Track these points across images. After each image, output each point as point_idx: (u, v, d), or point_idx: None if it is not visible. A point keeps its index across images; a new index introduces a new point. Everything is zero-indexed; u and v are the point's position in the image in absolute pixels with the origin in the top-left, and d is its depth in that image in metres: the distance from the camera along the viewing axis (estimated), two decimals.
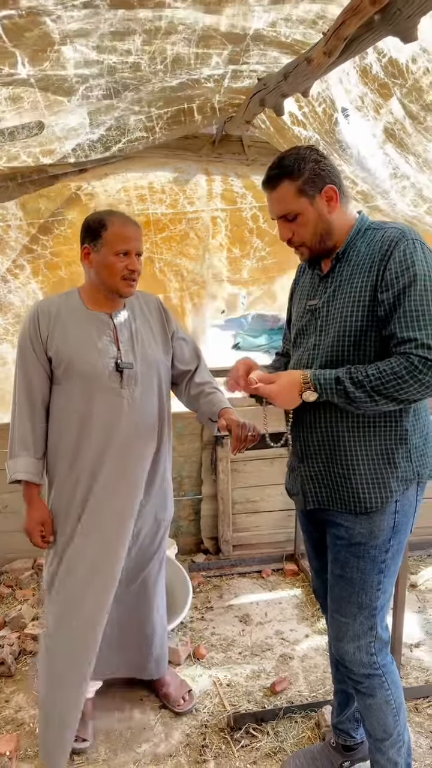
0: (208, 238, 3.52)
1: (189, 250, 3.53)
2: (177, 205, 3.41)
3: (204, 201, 3.45)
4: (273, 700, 2.55)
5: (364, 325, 1.66)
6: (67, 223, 3.29)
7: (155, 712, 2.51)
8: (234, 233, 3.56)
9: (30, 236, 3.23)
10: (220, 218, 3.52)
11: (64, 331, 2.09)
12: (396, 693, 1.89)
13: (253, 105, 2.22)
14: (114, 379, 2.09)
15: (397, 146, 2.01)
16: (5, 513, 3.51)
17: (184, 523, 3.75)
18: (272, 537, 3.74)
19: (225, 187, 3.46)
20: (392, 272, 1.60)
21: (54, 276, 3.32)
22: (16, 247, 3.22)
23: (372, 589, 1.79)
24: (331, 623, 1.91)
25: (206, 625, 3.09)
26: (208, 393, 2.29)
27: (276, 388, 1.69)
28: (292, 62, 1.80)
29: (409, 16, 1.27)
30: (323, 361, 1.74)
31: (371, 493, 1.71)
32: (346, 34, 1.37)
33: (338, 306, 1.73)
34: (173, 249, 3.51)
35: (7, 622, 3.03)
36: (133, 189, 3.31)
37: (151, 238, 3.41)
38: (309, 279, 1.91)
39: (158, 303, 2.34)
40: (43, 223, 3.24)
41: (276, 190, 1.72)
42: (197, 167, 3.36)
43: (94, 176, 3.25)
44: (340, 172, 1.76)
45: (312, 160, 1.68)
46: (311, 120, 2.20)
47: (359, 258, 1.70)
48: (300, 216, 1.72)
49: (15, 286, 3.29)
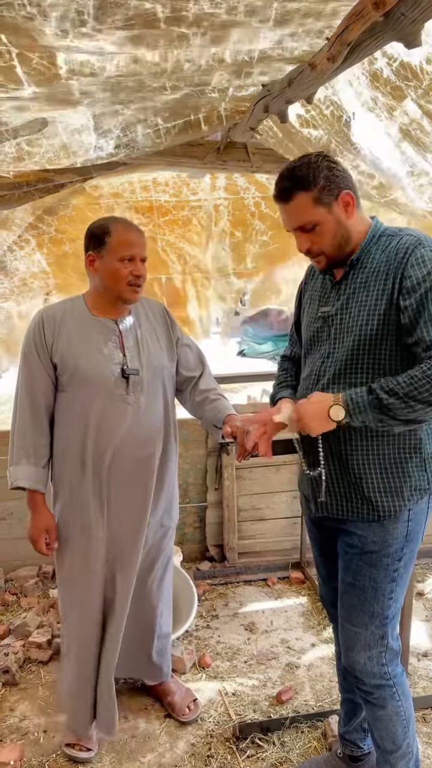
0: (211, 226, 3.54)
1: (192, 236, 3.55)
2: (180, 195, 3.45)
3: (207, 192, 3.47)
4: (279, 710, 2.52)
5: (380, 334, 1.64)
6: (71, 206, 3.34)
7: (160, 721, 2.49)
8: (235, 217, 3.57)
9: (35, 216, 3.31)
10: (223, 205, 3.53)
11: (70, 337, 2.09)
12: (406, 704, 1.87)
13: (257, 111, 2.22)
14: (120, 386, 2.08)
15: (414, 144, 2.00)
16: (10, 520, 3.50)
17: (189, 531, 3.73)
18: (278, 545, 3.72)
19: (228, 182, 3.48)
20: (412, 279, 1.57)
21: (59, 250, 3.41)
22: (22, 224, 3.31)
23: (384, 597, 1.77)
24: (342, 632, 1.88)
25: (211, 634, 3.07)
26: (212, 399, 2.28)
27: (302, 408, 1.66)
28: (296, 68, 1.80)
29: (413, 21, 1.26)
30: (337, 368, 1.72)
31: (384, 501, 1.70)
32: (349, 39, 1.36)
33: (353, 314, 1.70)
34: (176, 232, 3.55)
35: (11, 630, 3.02)
36: (137, 181, 3.36)
37: (154, 220, 3.45)
38: (320, 284, 1.88)
39: (163, 309, 2.33)
40: (48, 206, 3.32)
41: (290, 202, 1.67)
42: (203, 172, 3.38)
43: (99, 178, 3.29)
44: (352, 177, 1.72)
45: (325, 168, 1.65)
46: (320, 122, 2.20)
47: (374, 265, 1.68)
48: (318, 226, 1.68)
49: (21, 255, 3.41)
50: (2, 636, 3.00)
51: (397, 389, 1.53)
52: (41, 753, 2.32)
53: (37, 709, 2.56)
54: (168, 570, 2.45)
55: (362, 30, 1.33)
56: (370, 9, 1.25)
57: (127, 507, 2.15)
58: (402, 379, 1.54)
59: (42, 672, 2.78)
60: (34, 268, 3.42)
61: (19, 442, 2.12)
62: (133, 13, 1.39)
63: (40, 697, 2.62)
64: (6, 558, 3.53)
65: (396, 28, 1.30)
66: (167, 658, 2.53)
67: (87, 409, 2.07)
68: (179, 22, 1.47)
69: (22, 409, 2.12)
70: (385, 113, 1.87)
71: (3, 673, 2.68)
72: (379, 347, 1.65)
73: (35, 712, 2.54)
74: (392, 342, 1.64)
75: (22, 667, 2.80)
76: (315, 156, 1.68)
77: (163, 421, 2.21)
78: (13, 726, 2.47)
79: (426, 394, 1.51)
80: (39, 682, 2.72)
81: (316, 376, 1.79)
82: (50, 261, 3.43)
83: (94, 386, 2.07)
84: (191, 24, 1.50)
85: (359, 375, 1.69)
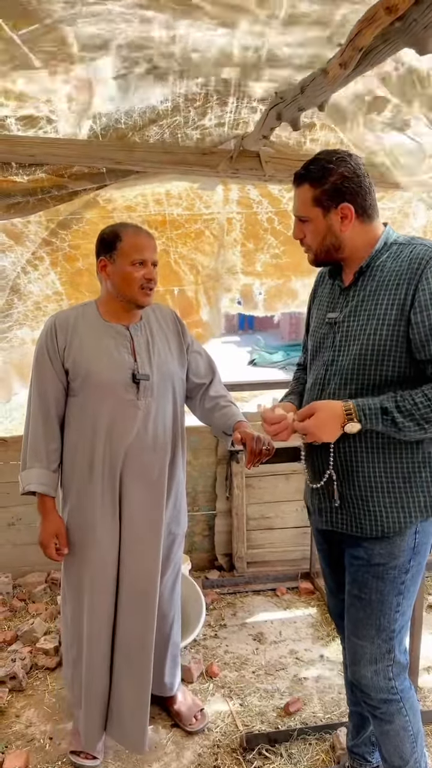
0: (223, 236, 3.55)
1: (204, 246, 3.57)
2: (193, 208, 3.46)
3: (220, 205, 3.49)
4: (287, 721, 2.49)
5: (388, 344, 1.61)
6: (85, 221, 3.36)
7: (167, 730, 2.46)
8: (248, 231, 3.58)
9: (49, 231, 3.32)
10: (236, 219, 3.55)
11: (81, 342, 2.09)
12: (414, 719, 1.83)
13: (270, 119, 2.23)
14: (130, 391, 2.09)
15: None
16: (18, 526, 3.51)
17: (198, 539, 3.72)
18: (287, 554, 3.69)
19: (241, 194, 3.49)
20: (426, 293, 1.55)
21: (72, 267, 3.41)
22: (36, 240, 3.31)
23: (390, 611, 1.74)
24: (348, 646, 1.86)
25: (219, 643, 3.04)
26: (222, 406, 2.27)
27: (315, 422, 1.62)
28: (309, 75, 1.81)
29: (425, 26, 1.26)
30: (342, 378, 1.70)
31: (390, 516, 1.67)
32: (362, 45, 1.36)
33: (361, 322, 1.68)
34: (188, 245, 3.56)
35: (19, 636, 3.01)
36: (150, 195, 3.37)
37: (166, 234, 3.46)
38: (329, 289, 1.87)
39: (174, 316, 2.34)
40: (62, 219, 3.32)
41: (298, 189, 1.72)
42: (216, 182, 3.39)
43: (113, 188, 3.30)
44: (370, 191, 1.70)
45: (338, 174, 1.64)
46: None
47: (384, 274, 1.66)
48: (311, 222, 1.71)
49: (35, 276, 3.40)
50: (10, 642, 3.00)
51: (414, 411, 1.53)
52: (47, 760, 2.30)
53: (43, 715, 2.54)
54: (178, 578, 2.43)
55: (374, 35, 1.33)
56: (382, 14, 1.25)
57: (140, 513, 2.14)
58: (419, 399, 1.53)
59: (49, 679, 2.76)
60: (47, 290, 3.42)
61: (31, 446, 2.12)
62: None
63: (46, 704, 2.60)
64: (15, 564, 3.53)
65: (408, 34, 1.30)
66: (179, 668, 2.51)
67: (97, 413, 2.08)
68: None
69: (34, 414, 2.13)
70: None
71: (10, 679, 2.67)
72: (386, 359, 1.62)
73: (41, 718, 2.53)
74: (400, 354, 1.61)
75: (29, 673, 2.79)
76: (338, 159, 1.66)
77: (173, 426, 2.21)
78: (19, 732, 2.45)
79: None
80: (45, 688, 2.70)
81: (321, 386, 1.77)
82: (64, 280, 3.42)
83: (105, 391, 2.07)
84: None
85: (364, 388, 1.66)
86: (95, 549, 2.12)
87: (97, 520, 2.11)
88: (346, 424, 1.58)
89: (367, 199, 1.70)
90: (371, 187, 1.70)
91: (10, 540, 3.52)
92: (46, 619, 3.16)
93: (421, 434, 1.56)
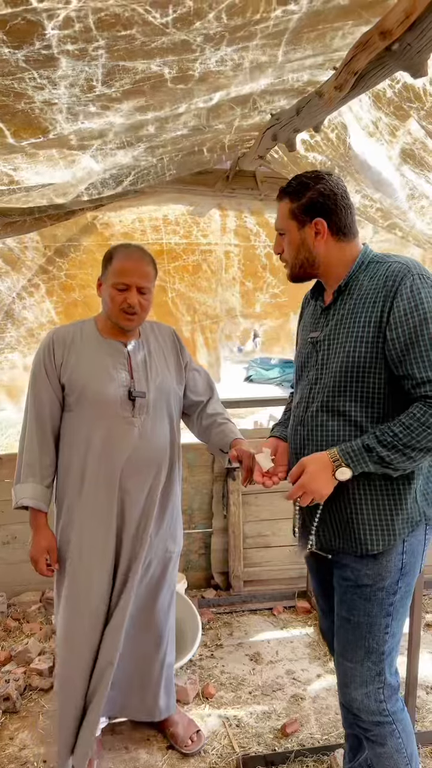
0: (221, 272, 3.55)
1: (201, 282, 3.56)
2: (191, 236, 3.45)
3: (218, 235, 3.49)
4: (284, 743, 2.46)
5: (368, 361, 1.63)
6: (82, 248, 3.35)
7: (162, 752, 2.43)
8: (247, 267, 3.59)
9: (46, 258, 3.31)
10: (233, 252, 3.55)
11: (79, 358, 2.10)
12: (408, 741, 1.81)
13: (265, 140, 2.25)
14: (126, 408, 2.09)
15: (415, 166, 2.01)
16: (14, 544, 3.48)
17: (194, 557, 3.69)
18: (284, 573, 3.67)
19: (239, 223, 3.50)
20: (401, 310, 1.57)
21: (68, 297, 3.40)
22: (32, 267, 3.29)
23: (380, 632, 1.72)
24: (338, 668, 1.84)
25: (216, 663, 3.01)
26: (219, 423, 2.27)
27: (308, 478, 1.63)
28: (304, 98, 1.84)
29: (419, 51, 1.28)
30: (325, 396, 1.71)
31: (375, 535, 1.66)
32: (356, 69, 1.39)
33: (341, 340, 1.69)
34: (186, 280, 3.54)
35: (13, 657, 2.97)
36: (147, 220, 3.37)
37: (164, 266, 3.46)
38: (312, 310, 1.90)
39: (173, 333, 2.35)
40: (59, 246, 3.32)
41: (280, 203, 1.78)
42: (212, 202, 3.41)
43: (110, 209, 3.31)
44: (347, 211, 1.73)
45: (315, 190, 1.69)
46: (324, 147, 2.23)
47: (362, 292, 1.68)
48: (286, 235, 1.77)
49: (29, 303, 3.38)
50: (3, 662, 2.96)
51: (395, 442, 1.54)
52: None
53: (37, 738, 2.51)
54: (173, 597, 2.41)
55: (369, 59, 1.35)
56: (376, 39, 1.27)
57: (131, 529, 2.14)
58: (397, 429, 1.55)
59: (43, 700, 2.73)
60: (42, 318, 3.41)
61: (26, 460, 2.13)
62: (140, 76, 1.42)
63: (40, 726, 2.57)
64: (9, 583, 3.50)
65: (402, 58, 1.32)
66: (173, 690, 2.48)
67: (92, 430, 2.08)
68: (186, 80, 1.51)
69: (30, 428, 2.13)
70: (387, 135, 1.90)
71: (3, 701, 2.63)
72: (367, 374, 1.63)
73: (35, 741, 2.49)
74: (380, 371, 1.62)
75: (23, 694, 2.76)
76: (317, 178, 1.72)
77: (169, 444, 2.21)
78: (12, 755, 2.42)
79: (424, 441, 1.53)
80: (40, 710, 2.67)
81: (306, 404, 1.78)
82: (59, 310, 3.41)
83: (101, 407, 2.07)
84: (198, 81, 1.54)
85: (348, 404, 1.67)
86: (87, 565, 2.11)
87: (86, 536, 2.10)
88: (336, 471, 1.61)
89: (343, 218, 1.72)
90: (349, 207, 1.74)
91: (4, 559, 3.49)
92: (41, 639, 3.13)
93: (411, 464, 1.57)
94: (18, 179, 2.08)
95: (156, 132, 1.93)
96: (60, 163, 2.06)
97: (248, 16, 1.25)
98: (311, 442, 1.74)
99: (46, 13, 1.08)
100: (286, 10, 1.26)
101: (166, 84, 1.51)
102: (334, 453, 1.61)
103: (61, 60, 1.27)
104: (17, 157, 1.83)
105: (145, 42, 1.25)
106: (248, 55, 1.46)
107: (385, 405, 1.64)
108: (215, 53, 1.39)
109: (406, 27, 1.22)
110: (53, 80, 1.36)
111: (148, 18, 1.16)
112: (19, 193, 2.25)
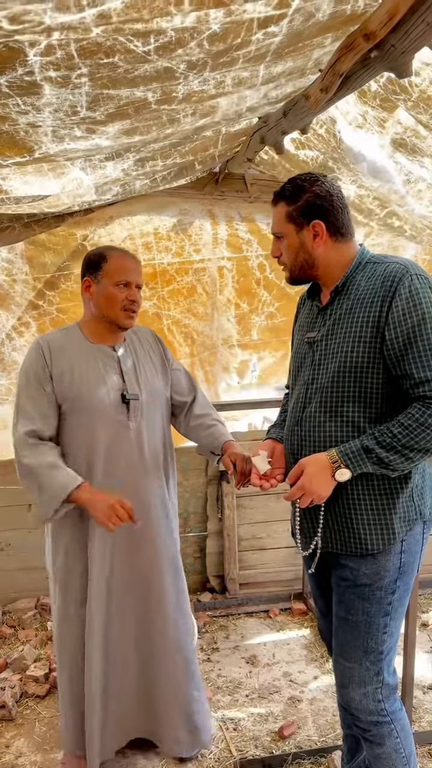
0: (216, 294, 3.52)
1: (197, 307, 3.52)
2: (183, 253, 3.41)
3: (209, 248, 3.46)
4: (281, 745, 2.46)
5: (365, 361, 1.63)
6: (73, 278, 3.29)
7: (159, 757, 2.42)
8: (241, 285, 3.57)
9: (36, 291, 3.22)
10: (227, 268, 3.53)
11: (70, 365, 2.08)
12: (406, 741, 1.81)
13: (253, 143, 2.26)
14: (120, 411, 2.08)
15: (408, 153, 2.03)
16: (8, 551, 3.46)
17: (189, 561, 3.68)
18: (280, 575, 3.67)
19: (230, 231, 3.49)
20: (399, 310, 1.57)
21: None
22: (22, 303, 3.18)
23: (378, 632, 1.73)
24: (336, 668, 1.84)
25: (212, 667, 3.01)
26: (209, 425, 2.27)
27: (307, 479, 1.63)
28: (291, 100, 1.84)
29: (403, 52, 1.29)
30: (322, 396, 1.71)
31: (373, 534, 1.67)
32: (341, 71, 1.39)
33: (338, 340, 1.70)
34: (181, 305, 3.49)
35: (8, 664, 2.96)
36: (138, 237, 3.31)
37: (158, 292, 3.40)
38: (308, 310, 1.90)
39: (153, 334, 2.35)
40: (49, 278, 3.23)
41: (275, 207, 1.77)
42: (201, 209, 3.40)
43: (100, 218, 3.29)
44: (344, 212, 1.73)
45: (311, 192, 1.69)
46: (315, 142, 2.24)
47: (359, 292, 1.68)
48: (285, 238, 1.76)
49: (20, 344, 3.23)
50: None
51: (395, 443, 1.55)
52: None
53: (33, 745, 2.49)
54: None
55: (354, 61, 1.36)
56: (360, 41, 1.28)
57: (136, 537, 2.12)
58: (396, 429, 1.55)
59: (39, 707, 2.71)
60: None
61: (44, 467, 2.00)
62: (124, 102, 1.43)
63: (36, 734, 2.56)
64: (4, 590, 3.48)
65: (387, 59, 1.32)
66: (208, 726, 2.41)
67: (89, 435, 2.06)
68: (169, 101, 1.52)
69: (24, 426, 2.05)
70: (377, 126, 1.90)
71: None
72: (365, 374, 1.64)
73: (32, 748, 2.48)
74: (378, 371, 1.63)
75: (19, 701, 2.74)
76: (313, 180, 1.72)
77: (163, 447, 2.21)
78: (8, 764, 2.40)
79: (422, 441, 1.53)
80: (36, 717, 2.65)
81: (303, 404, 1.78)
82: None
83: (96, 413, 2.06)
84: (181, 101, 1.55)
85: (346, 404, 1.67)
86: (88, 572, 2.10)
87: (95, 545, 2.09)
88: (335, 473, 1.61)
89: (340, 219, 1.73)
90: (345, 207, 1.74)
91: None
92: (36, 645, 3.11)
93: (410, 465, 1.58)
94: (6, 188, 2.08)
95: (142, 143, 1.93)
96: (49, 175, 2.07)
97: (230, 41, 1.25)
98: (309, 442, 1.74)
99: (28, 42, 1.08)
100: (267, 32, 1.27)
101: (149, 106, 1.52)
102: (333, 454, 1.61)
103: (45, 87, 1.27)
104: (6, 168, 1.83)
105: (128, 69, 1.26)
106: (230, 73, 1.47)
107: (383, 405, 1.64)
108: (198, 76, 1.40)
109: (389, 29, 1.23)
110: (37, 107, 1.37)
111: (129, 46, 1.16)
112: (9, 204, 2.25)
